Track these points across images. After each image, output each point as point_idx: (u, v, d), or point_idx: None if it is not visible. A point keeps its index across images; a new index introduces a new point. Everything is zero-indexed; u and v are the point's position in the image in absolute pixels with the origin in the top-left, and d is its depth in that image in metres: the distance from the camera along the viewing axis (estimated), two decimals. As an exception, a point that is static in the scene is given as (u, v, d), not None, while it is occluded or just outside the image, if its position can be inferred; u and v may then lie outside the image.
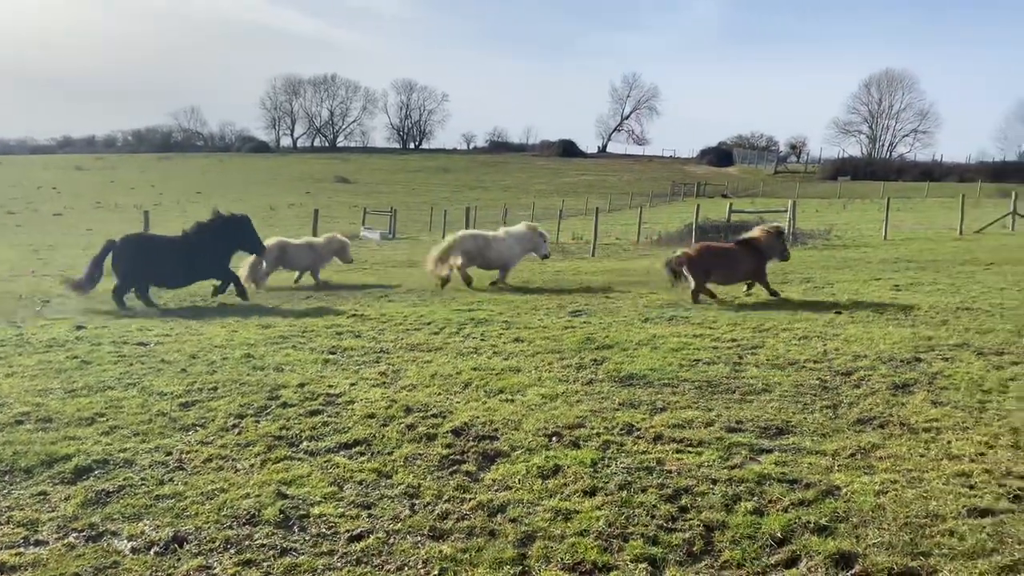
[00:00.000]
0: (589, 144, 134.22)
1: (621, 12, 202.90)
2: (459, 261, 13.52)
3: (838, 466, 4.70)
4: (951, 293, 11.68)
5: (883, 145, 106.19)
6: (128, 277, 11.42)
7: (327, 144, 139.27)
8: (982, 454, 4.87)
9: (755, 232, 12.01)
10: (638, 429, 5.45)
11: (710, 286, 11.44)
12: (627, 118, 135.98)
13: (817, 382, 6.64)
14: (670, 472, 4.63)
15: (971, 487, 4.33)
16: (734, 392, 6.41)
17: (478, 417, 5.71)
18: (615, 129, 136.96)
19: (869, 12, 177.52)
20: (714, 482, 4.45)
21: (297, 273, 15.12)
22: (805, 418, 5.68)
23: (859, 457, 4.87)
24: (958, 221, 25.41)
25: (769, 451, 5.00)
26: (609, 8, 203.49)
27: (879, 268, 15.85)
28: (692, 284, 11.32)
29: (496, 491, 4.49)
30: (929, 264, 16.27)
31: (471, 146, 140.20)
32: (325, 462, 5.00)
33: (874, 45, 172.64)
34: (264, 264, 14.03)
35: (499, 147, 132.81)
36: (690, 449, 5.02)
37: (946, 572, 3.46)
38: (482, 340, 8.59)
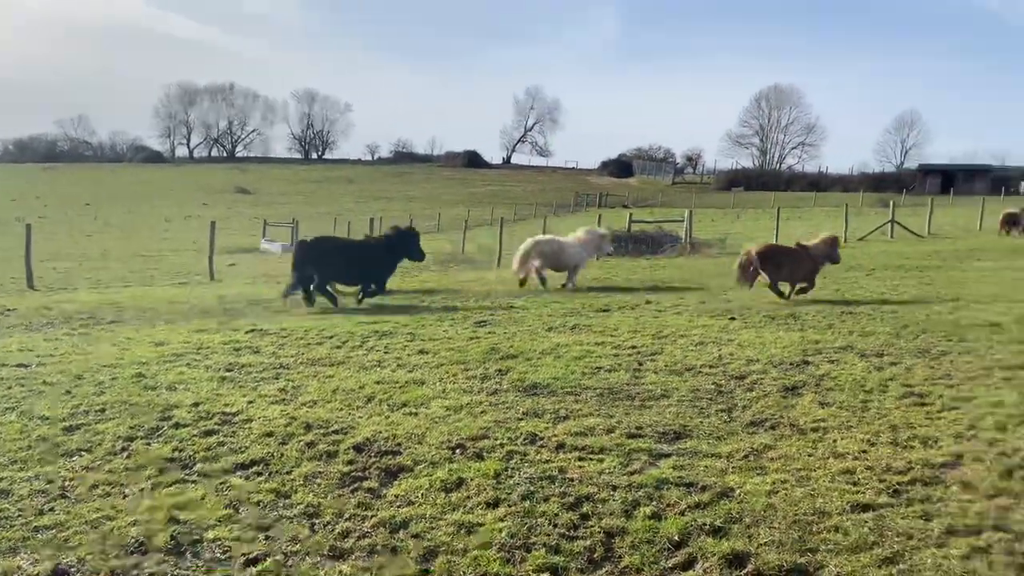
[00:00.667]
0: (494, 155, 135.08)
1: (522, 25, 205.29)
2: (537, 263, 14.90)
3: (732, 468, 4.87)
4: (836, 297, 12.29)
5: (773, 157, 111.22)
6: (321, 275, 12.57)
7: (225, 154, 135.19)
8: (864, 451, 5.13)
9: (820, 237, 12.94)
10: (541, 438, 5.49)
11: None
12: (530, 130, 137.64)
13: (713, 386, 6.86)
14: (572, 480, 4.69)
15: (855, 484, 4.56)
16: (634, 398, 6.54)
17: (381, 432, 5.63)
18: (519, 140, 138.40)
19: (761, 30, 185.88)
20: (614, 488, 4.53)
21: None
22: (702, 422, 5.86)
23: (752, 458, 5.05)
24: (843, 229, 26.78)
25: (668, 455, 5.12)
26: (510, 21, 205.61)
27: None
28: (767, 279, 12.27)
29: (399, 507, 4.43)
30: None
31: (375, 156, 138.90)
32: (220, 484, 4.82)
33: (765, 62, 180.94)
34: None
35: (404, 157, 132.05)
36: (592, 456, 5.10)
37: (832, 567, 3.63)
38: (386, 353, 8.48)
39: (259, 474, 5.00)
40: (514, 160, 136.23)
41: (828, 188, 80.00)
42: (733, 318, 10.44)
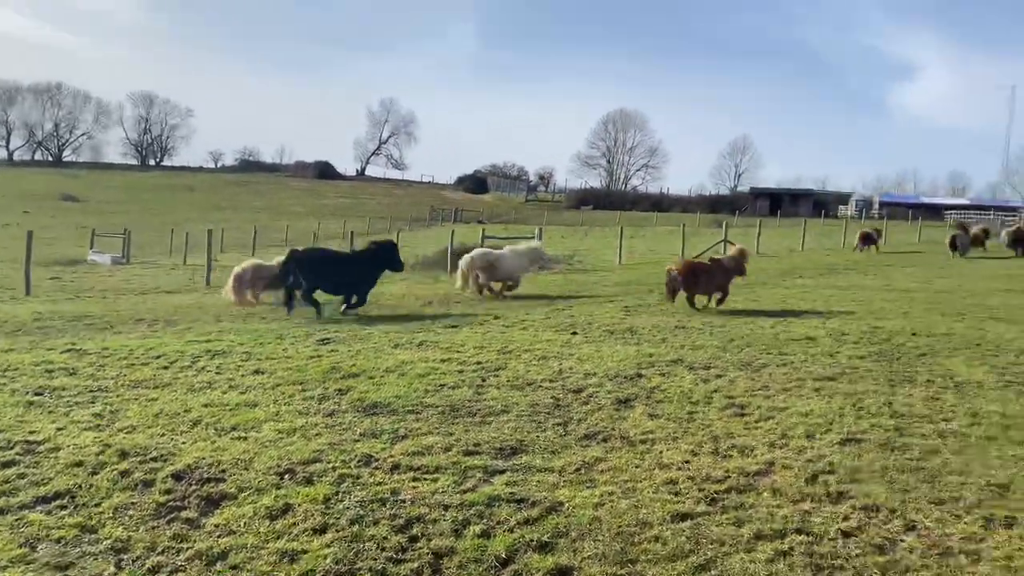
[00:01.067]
0: (347, 167, 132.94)
1: (374, 36, 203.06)
2: (482, 278, 15.68)
3: (564, 482, 4.96)
4: (671, 313, 12.90)
5: (620, 178, 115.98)
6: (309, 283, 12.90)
7: (51, 159, 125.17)
8: (688, 461, 5.37)
9: (732, 251, 14.73)
10: (377, 460, 5.38)
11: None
12: (385, 142, 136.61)
13: (551, 401, 6.99)
14: (404, 502, 4.61)
15: (677, 493, 4.76)
16: (475, 415, 6.55)
17: (204, 458, 5.32)
18: (373, 153, 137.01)
19: (608, 56, 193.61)
20: (446, 508, 4.49)
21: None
22: (538, 436, 5.94)
23: (583, 472, 5.17)
24: (680, 248, 28.21)
25: (502, 472, 5.15)
26: (364, 32, 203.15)
27: (613, 290, 17.14)
28: (685, 293, 13.39)
29: (218, 537, 4.20)
30: (656, 287, 17.87)
31: (219, 164, 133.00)
32: (16, 520, 4.39)
33: (612, 86, 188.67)
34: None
35: (250, 166, 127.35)
36: (427, 476, 5.04)
37: (650, 576, 3.75)
38: (218, 373, 8.07)
39: (63, 507, 4.59)
40: (369, 172, 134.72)
41: (669, 208, 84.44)
42: (575, 333, 10.72)
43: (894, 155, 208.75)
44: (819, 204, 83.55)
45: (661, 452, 5.59)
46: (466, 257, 16.20)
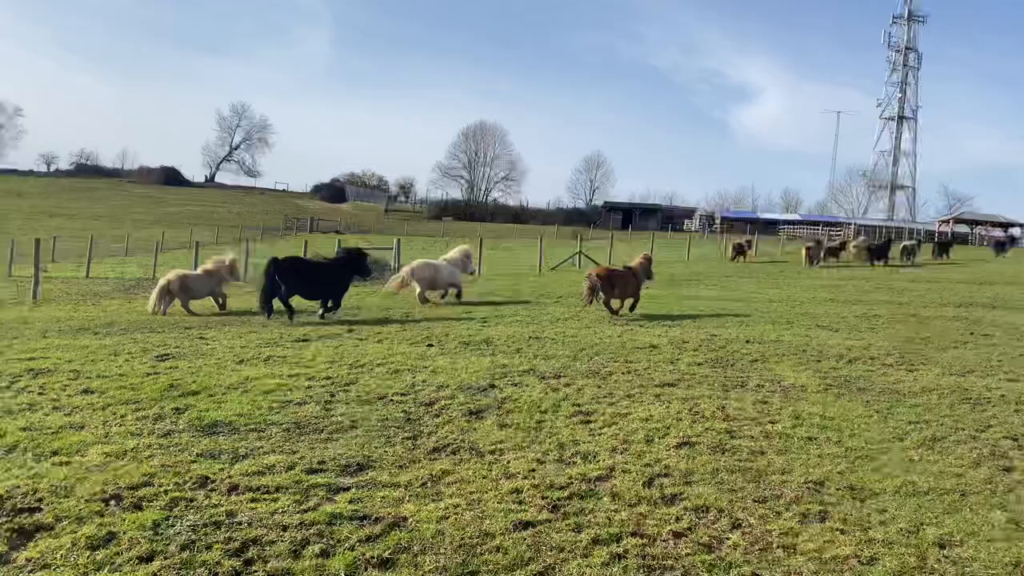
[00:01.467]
0: (196, 173, 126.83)
1: (223, 39, 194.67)
2: (418, 288, 16.52)
3: (409, 496, 4.92)
4: (526, 324, 13.14)
5: (480, 190, 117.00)
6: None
7: None
8: (533, 470, 5.47)
9: (636, 260, 15.41)
10: (213, 481, 5.14)
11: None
12: (236, 148, 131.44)
13: (402, 414, 6.93)
14: (241, 524, 4.43)
15: (520, 502, 4.83)
16: (322, 432, 6.40)
17: (19, 487, 4.90)
18: (224, 159, 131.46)
19: (469, 67, 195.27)
20: (285, 528, 4.35)
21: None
22: (386, 451, 5.88)
23: (430, 485, 5.16)
24: (538, 260, 28.84)
25: (347, 489, 5.05)
26: (210, 34, 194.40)
27: (472, 303, 17.22)
28: (604, 297, 14.14)
29: (31, 572, 3.87)
30: (512, 297, 18.16)
31: (52, 168, 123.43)
32: None
33: (474, 97, 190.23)
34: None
35: (88, 171, 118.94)
36: (266, 496, 4.87)
37: (491, 586, 3.78)
38: (40, 394, 7.46)
39: None
40: (219, 179, 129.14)
41: (529, 220, 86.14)
42: (431, 345, 10.70)
43: (735, 173, 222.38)
44: (667, 219, 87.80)
45: (509, 462, 5.66)
46: (405, 268, 17.00)
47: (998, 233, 70.39)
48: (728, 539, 4.36)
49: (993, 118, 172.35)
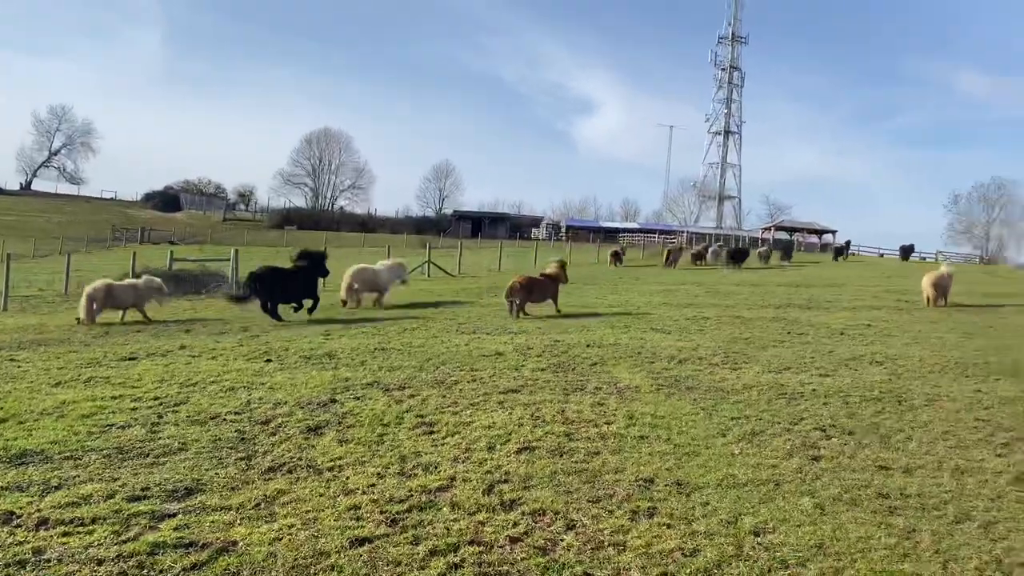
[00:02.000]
0: (9, 180, 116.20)
1: (35, 34, 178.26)
2: (356, 286, 18.16)
3: (241, 519, 4.72)
4: (372, 335, 12.95)
5: (325, 198, 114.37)
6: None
7: None
8: (373, 485, 5.39)
9: (552, 267, 17.42)
10: (19, 516, 4.71)
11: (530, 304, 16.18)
12: (56, 154, 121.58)
13: (235, 434, 6.64)
14: (50, 561, 4.08)
15: (358, 518, 4.75)
16: (147, 456, 6.02)
17: None
18: (42, 165, 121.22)
19: (312, 73, 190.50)
20: (100, 563, 4.05)
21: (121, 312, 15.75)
22: (218, 473, 5.61)
23: (264, 506, 4.96)
24: (385, 269, 28.51)
25: (172, 515, 4.78)
26: (22, 29, 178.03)
27: (314, 314, 16.77)
28: (519, 303, 15.87)
29: None
30: (357, 310, 17.83)
31: None
32: None
33: (317, 103, 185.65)
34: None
35: None
36: (80, 529, 4.51)
37: (326, 606, 3.69)
38: None
39: None
40: (36, 187, 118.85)
41: (377, 229, 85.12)
42: (269, 360, 10.33)
43: (579, 183, 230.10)
44: (515, 227, 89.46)
45: (348, 478, 5.56)
46: (350, 270, 18.43)
47: (814, 239, 76.87)
48: (563, 540, 4.49)
49: (808, 133, 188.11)
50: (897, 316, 17.59)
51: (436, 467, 5.81)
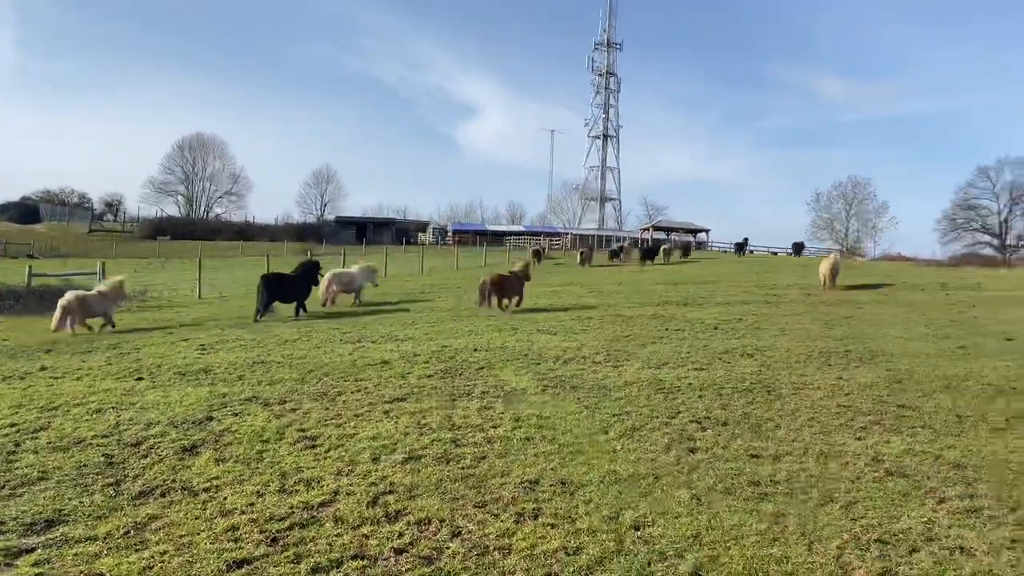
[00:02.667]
0: None
1: None
2: (335, 288, 20.30)
3: (108, 550, 4.47)
4: (251, 348, 12.53)
5: (200, 206, 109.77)
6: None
7: None
8: (252, 504, 5.22)
9: (519, 265, 19.98)
10: None
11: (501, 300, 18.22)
12: None
13: (103, 459, 6.28)
14: None
15: (236, 540, 4.59)
16: (3, 488, 5.60)
17: None
18: None
19: (183, 75, 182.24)
20: (-54, 609, 3.75)
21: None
22: (82, 502, 5.29)
23: (134, 534, 4.72)
24: (266, 278, 27.67)
25: (31, 550, 4.47)
26: None
27: (190, 328, 16.09)
28: (495, 300, 18.07)
29: None
30: (237, 321, 17.21)
31: None
32: None
33: (188, 108, 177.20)
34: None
35: None
36: (-78, 574, 4.16)
37: (202, 635, 3.54)
38: None
39: None
40: None
41: (255, 237, 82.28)
42: (140, 378, 9.82)
43: (464, 186, 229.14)
44: (401, 232, 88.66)
45: (226, 498, 5.36)
46: (329, 273, 20.44)
47: (689, 239, 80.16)
48: (448, 548, 4.48)
49: (682, 136, 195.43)
50: (767, 310, 18.55)
51: (319, 482, 5.68)
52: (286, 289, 18.48)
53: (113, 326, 16.21)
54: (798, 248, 69.46)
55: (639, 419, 7.60)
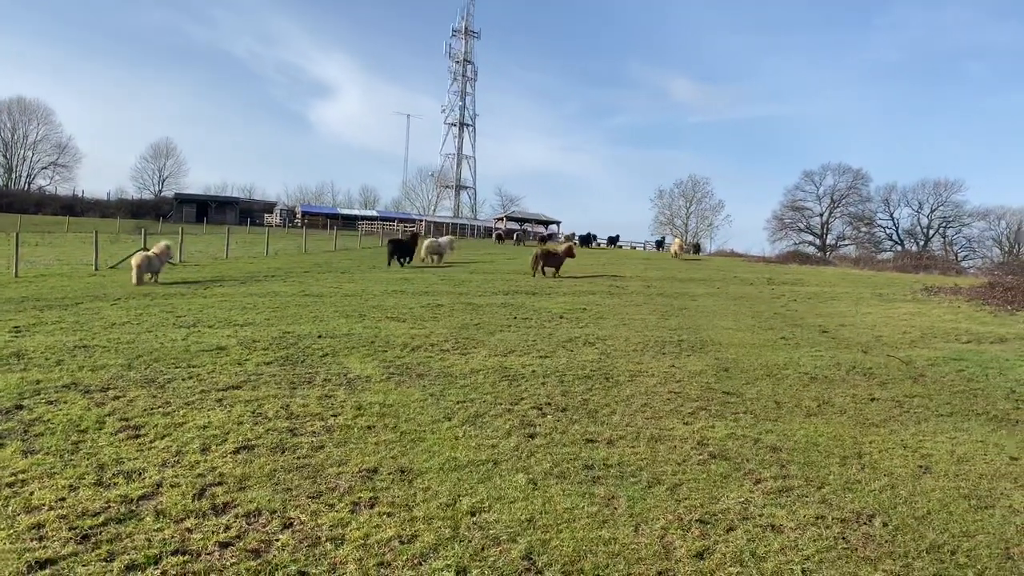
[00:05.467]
0: None
1: None
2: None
3: None
4: (73, 331, 11.61)
5: (20, 176, 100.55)
6: None
7: None
8: (63, 499, 4.83)
9: (564, 245, 29.58)
10: None
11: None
12: None
13: None
14: None
15: (41, 538, 4.23)
16: None
17: None
18: None
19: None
20: None
21: None
22: None
23: (-82, 537, 4.24)
24: (94, 256, 25.72)
25: None
26: None
27: (4, 309, 14.70)
28: (551, 269, 26.65)
29: None
30: (58, 302, 15.91)
31: None
32: None
33: (6, 68, 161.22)
34: None
35: None
36: None
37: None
38: None
39: None
40: None
41: (85, 212, 76.43)
42: (-63, 364, 8.86)
43: (316, 168, 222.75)
44: (246, 212, 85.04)
45: (32, 493, 4.92)
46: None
47: (540, 229, 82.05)
48: (278, 540, 4.33)
49: (538, 127, 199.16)
50: (610, 300, 19.25)
51: (141, 474, 5.34)
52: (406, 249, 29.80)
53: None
54: (659, 244, 76.49)
55: (483, 406, 7.67)
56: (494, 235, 61.68)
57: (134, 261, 20.09)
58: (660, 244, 78.06)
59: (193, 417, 6.84)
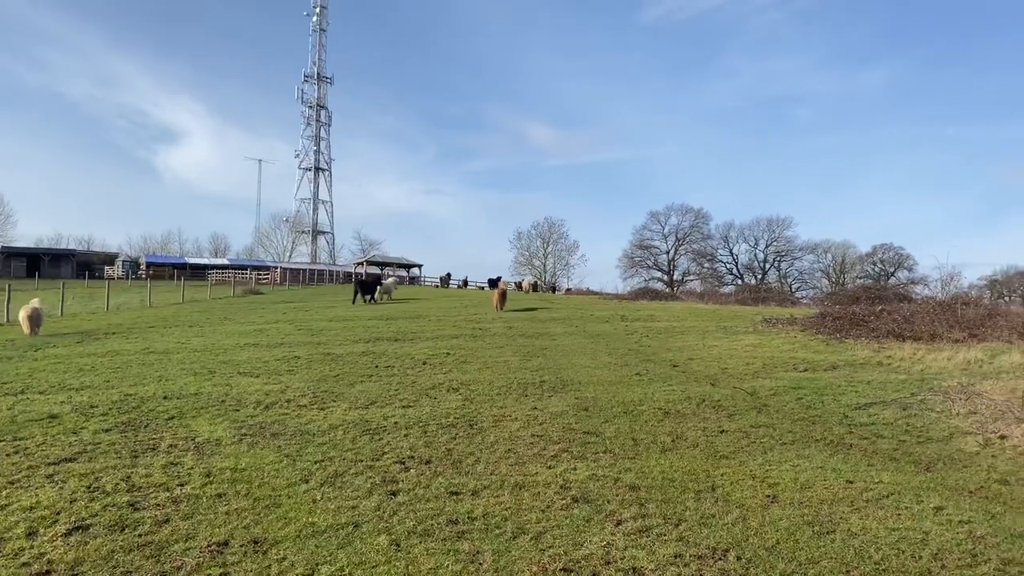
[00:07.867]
0: None
1: None
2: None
3: None
4: None
5: None
6: None
7: None
8: None
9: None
10: None
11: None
12: None
13: None
14: None
15: None
16: None
17: None
18: None
19: None
20: None
21: None
22: None
23: None
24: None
25: None
26: None
27: None
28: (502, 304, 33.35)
29: None
30: None
31: None
32: None
33: None
34: None
35: None
36: None
37: None
38: None
39: None
40: None
41: None
42: None
43: (162, 216, 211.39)
44: (83, 265, 79.55)
45: None
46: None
47: (403, 273, 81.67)
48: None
49: (396, 172, 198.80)
50: (473, 343, 19.29)
51: (-48, 570, 4.77)
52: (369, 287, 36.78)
53: None
54: (492, 282, 78.06)
55: (342, 464, 7.42)
56: (354, 284, 52.77)
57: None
58: (493, 283, 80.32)
59: (18, 497, 6.21)
